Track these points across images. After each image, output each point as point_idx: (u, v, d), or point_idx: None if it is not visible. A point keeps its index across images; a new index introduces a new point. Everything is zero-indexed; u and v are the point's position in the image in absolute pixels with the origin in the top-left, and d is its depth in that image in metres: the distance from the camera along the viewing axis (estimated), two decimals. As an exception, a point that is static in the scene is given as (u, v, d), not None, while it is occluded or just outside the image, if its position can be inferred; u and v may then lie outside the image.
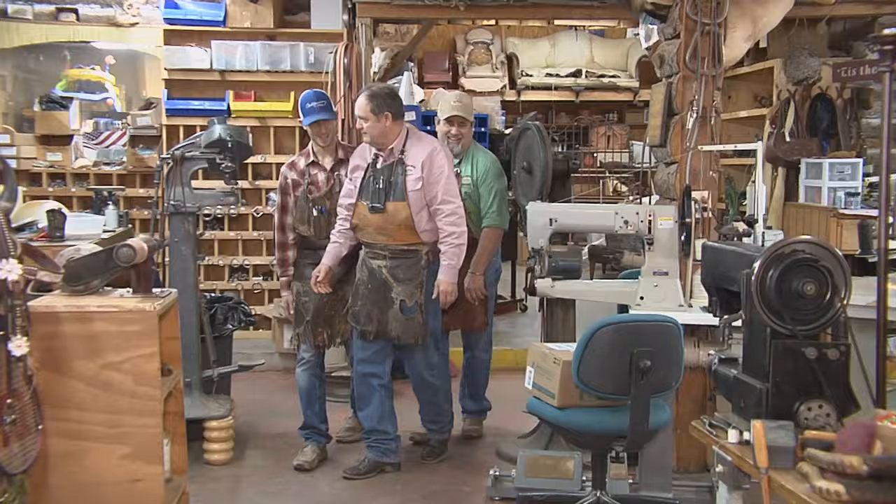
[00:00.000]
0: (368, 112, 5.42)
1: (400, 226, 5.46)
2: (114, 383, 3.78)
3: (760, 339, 2.82)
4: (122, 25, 9.53)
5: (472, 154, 6.29)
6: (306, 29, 9.39)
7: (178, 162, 6.12)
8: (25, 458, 3.50)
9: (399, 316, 5.47)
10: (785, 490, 2.54)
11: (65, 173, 9.50)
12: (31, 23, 9.48)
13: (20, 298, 3.46)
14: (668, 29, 5.94)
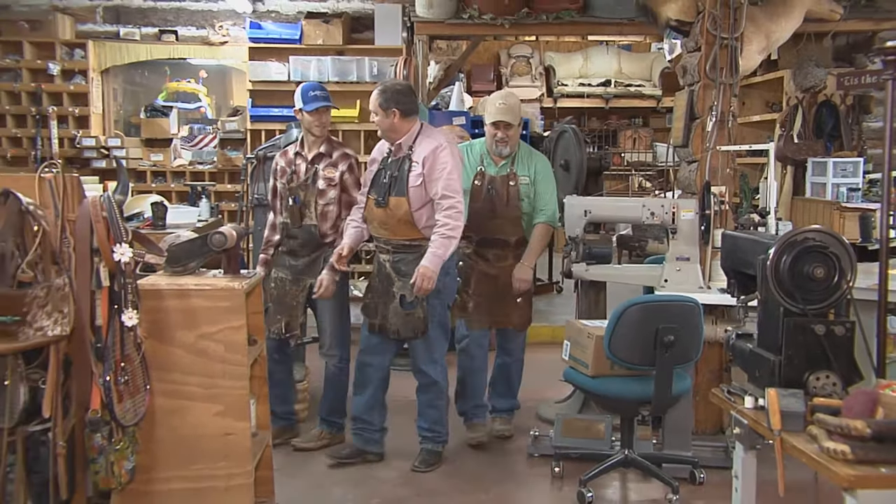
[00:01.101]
0: (377, 106, 5.03)
1: (400, 220, 4.98)
2: (208, 351, 3.81)
3: (774, 317, 2.81)
4: (214, 44, 9.63)
5: (526, 154, 5.65)
6: (370, 45, 9.41)
7: (260, 161, 6.19)
8: (136, 413, 3.56)
9: (399, 310, 4.96)
10: (796, 450, 2.54)
11: (165, 171, 9.66)
12: (138, 43, 9.64)
13: (131, 277, 3.52)
14: (691, 43, 5.91)
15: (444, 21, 8.08)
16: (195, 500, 3.85)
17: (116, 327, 3.47)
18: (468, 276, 5.45)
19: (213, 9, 9.65)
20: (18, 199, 3.31)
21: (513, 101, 5.57)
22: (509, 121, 5.40)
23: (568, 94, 10.90)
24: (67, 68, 9.54)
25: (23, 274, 3.29)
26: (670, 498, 4.61)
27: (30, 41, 9.47)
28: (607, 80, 10.82)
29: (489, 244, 5.47)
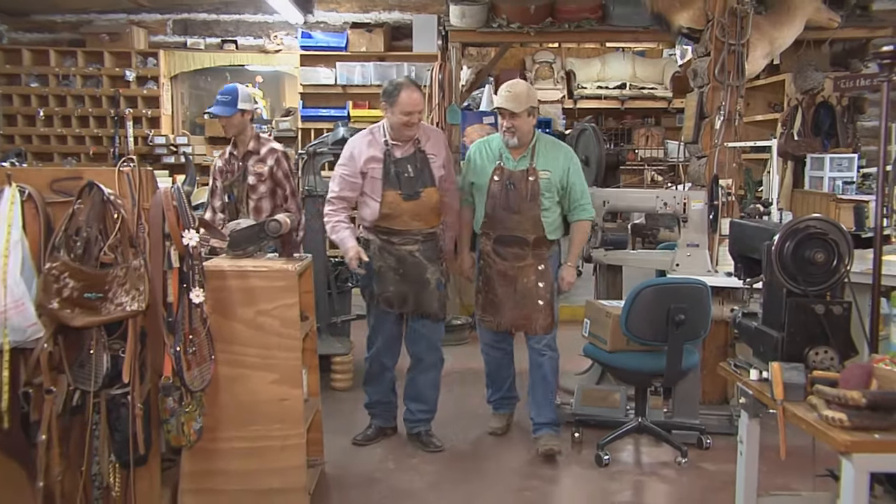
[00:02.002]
0: (423, 105, 4.89)
1: (432, 210, 4.74)
2: (265, 326, 3.85)
3: (778, 298, 2.78)
4: (269, 52, 9.68)
5: (548, 148, 4.83)
6: (409, 52, 9.43)
7: (310, 156, 6.21)
8: (203, 379, 3.60)
9: (435, 293, 4.74)
10: (797, 418, 2.52)
11: (225, 166, 9.70)
12: (203, 52, 9.71)
13: (198, 260, 3.56)
14: (701, 48, 5.86)
15: (476, 30, 8.11)
16: (254, 458, 3.88)
17: (185, 304, 3.52)
18: (487, 276, 4.85)
19: (268, 21, 9.68)
20: (101, 190, 3.36)
21: (519, 90, 4.76)
22: (511, 108, 4.65)
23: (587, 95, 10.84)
24: (142, 75, 9.61)
25: (105, 256, 3.34)
26: (679, 461, 4.61)
27: (109, 51, 9.54)
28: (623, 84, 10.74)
29: (507, 242, 4.79)
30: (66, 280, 3.22)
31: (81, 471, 3.47)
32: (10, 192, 3.28)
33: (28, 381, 3.33)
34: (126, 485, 3.54)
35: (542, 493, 4.22)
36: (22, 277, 3.21)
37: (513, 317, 4.79)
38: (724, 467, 4.47)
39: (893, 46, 3.25)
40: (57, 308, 3.22)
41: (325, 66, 9.40)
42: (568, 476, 4.48)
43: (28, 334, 3.23)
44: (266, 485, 3.89)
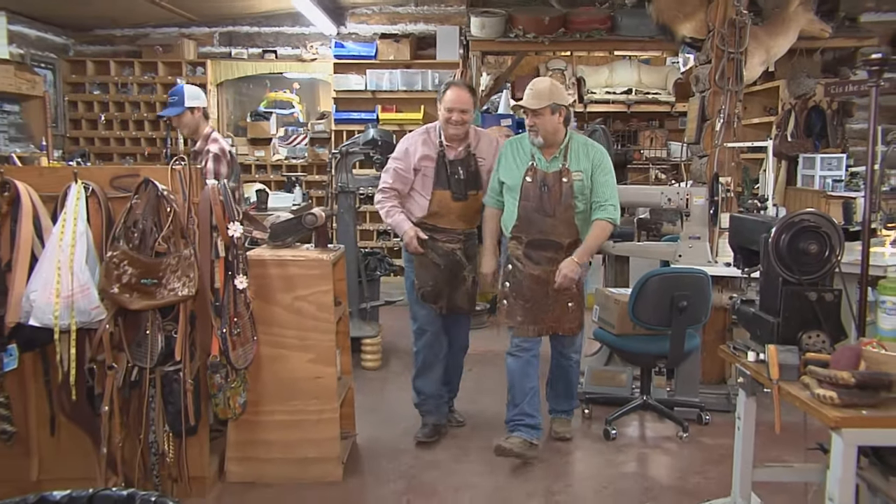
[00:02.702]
0: (471, 105, 4.39)
1: (476, 211, 4.49)
2: (303, 310, 3.88)
3: (774, 286, 2.77)
4: (306, 61, 9.67)
5: (580, 147, 4.34)
6: (433, 60, 9.39)
7: (343, 156, 6.22)
8: (246, 358, 3.64)
9: (471, 291, 4.56)
10: (791, 396, 2.51)
11: (266, 165, 9.72)
12: (245, 61, 9.70)
13: (241, 249, 3.59)
14: (703, 56, 5.84)
15: (494, 39, 8.11)
16: (293, 430, 3.92)
17: (230, 290, 3.56)
18: (519, 281, 4.27)
19: (305, 32, 9.69)
20: (156, 186, 3.40)
21: (540, 87, 4.24)
22: (530, 106, 4.19)
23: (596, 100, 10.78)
24: (191, 82, 9.58)
25: (159, 246, 3.39)
26: (681, 435, 4.61)
27: (163, 61, 9.59)
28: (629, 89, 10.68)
29: (541, 246, 4.26)
30: (125, 267, 3.27)
31: (139, 439, 3.53)
32: (76, 189, 3.33)
33: (92, 358, 3.39)
34: (179, 452, 3.61)
35: (556, 463, 4.22)
36: (87, 265, 3.27)
37: (542, 321, 4.29)
38: (722, 441, 4.46)
39: (882, 54, 3.23)
40: (117, 293, 3.27)
41: (356, 73, 9.40)
42: (579, 448, 4.49)
43: (92, 316, 3.29)
44: (303, 454, 3.94)
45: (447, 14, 9.60)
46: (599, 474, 4.15)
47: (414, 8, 9.64)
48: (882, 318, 2.78)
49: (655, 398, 4.84)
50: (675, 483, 4.05)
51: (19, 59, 8.36)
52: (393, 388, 5.49)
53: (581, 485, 4.02)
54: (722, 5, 5.54)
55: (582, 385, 5.17)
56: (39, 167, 4.24)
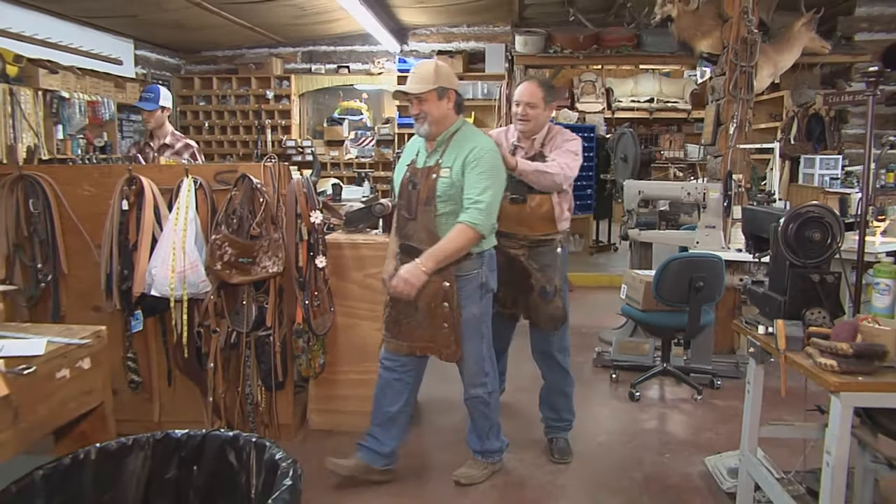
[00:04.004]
0: (540, 99, 3.44)
1: (541, 218, 3.50)
2: (372, 285, 3.88)
3: (782, 268, 2.72)
4: (373, 74, 9.74)
5: (459, 140, 3.14)
6: (482, 73, 9.38)
7: (406, 155, 6.24)
8: (325, 325, 3.68)
9: (540, 302, 3.57)
10: (796, 364, 2.47)
11: (339, 162, 9.84)
12: (323, 75, 9.83)
13: (321, 233, 3.62)
14: (718, 69, 5.73)
15: (536, 55, 8.19)
16: (363, 387, 3.90)
17: (312, 268, 3.59)
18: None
19: (373, 50, 9.74)
20: (251, 180, 3.44)
21: (422, 69, 3.16)
22: (414, 91, 3.11)
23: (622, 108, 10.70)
24: (278, 94, 9.78)
25: (253, 230, 3.42)
26: (696, 397, 4.56)
27: (255, 76, 9.74)
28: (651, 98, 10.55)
29: (407, 252, 3.20)
30: (226, 248, 3.33)
31: (238, 391, 3.60)
32: (187, 182, 3.40)
33: (200, 323, 3.47)
34: (270, 402, 3.68)
35: (587, 420, 4.21)
36: (195, 246, 3.34)
37: (415, 339, 3.24)
38: (731, 403, 4.42)
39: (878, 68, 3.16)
40: (220, 269, 3.33)
41: (417, 85, 9.43)
42: (607, 408, 4.46)
43: (200, 288, 3.36)
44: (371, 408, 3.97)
45: (495, 33, 9.57)
46: (626, 430, 4.12)
47: (466, 28, 9.63)
48: (875, 298, 2.71)
49: (674, 365, 4.79)
50: (690, 438, 4.00)
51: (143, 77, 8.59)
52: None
53: (610, 438, 4.00)
54: (735, 25, 5.45)
55: (610, 353, 5.15)
56: (158, 165, 4.33)
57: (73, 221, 3.56)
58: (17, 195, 3.46)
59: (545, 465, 3.63)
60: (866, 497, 2.88)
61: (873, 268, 2.75)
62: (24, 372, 1.73)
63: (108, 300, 3.47)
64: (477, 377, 3.30)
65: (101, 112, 7.01)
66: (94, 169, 3.84)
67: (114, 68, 7.75)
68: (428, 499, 3.30)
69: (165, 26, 8.00)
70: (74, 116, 6.50)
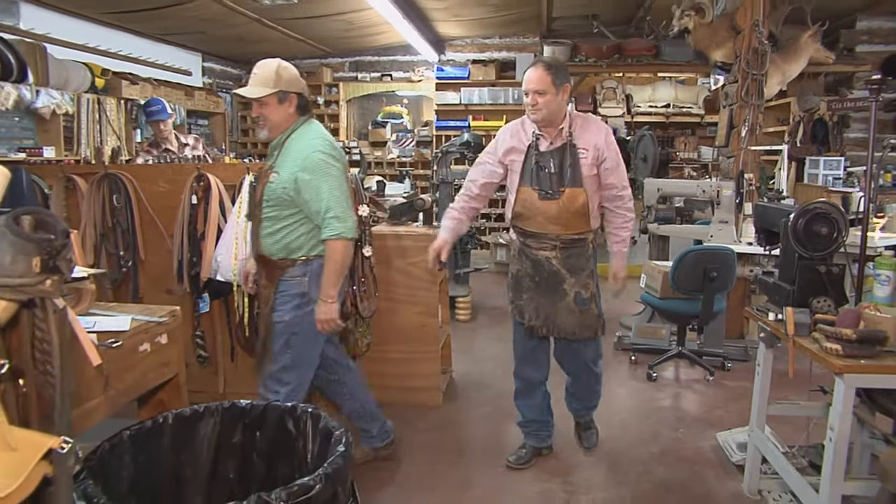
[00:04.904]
0: (549, 84, 2.87)
1: (575, 213, 2.97)
2: (413, 273, 3.92)
3: (791, 260, 2.69)
4: (414, 81, 9.73)
5: (293, 141, 2.76)
6: (513, 80, 9.32)
7: (443, 154, 6.26)
8: (371, 309, 3.65)
9: (573, 308, 3.04)
10: (804, 348, 2.45)
11: (382, 162, 9.84)
12: (368, 83, 9.86)
13: (368, 225, 3.62)
14: (731, 77, 5.64)
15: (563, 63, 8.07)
16: (405, 365, 3.98)
17: (359, 256, 3.57)
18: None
19: (413, 59, 9.74)
20: (305, 176, 3.46)
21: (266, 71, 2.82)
22: (252, 95, 2.78)
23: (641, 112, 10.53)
24: (328, 100, 9.84)
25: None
26: (708, 378, 4.52)
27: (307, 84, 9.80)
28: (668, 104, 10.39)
29: (257, 261, 2.89)
30: (283, 238, 3.36)
31: (292, 367, 3.64)
32: (248, 179, 3.42)
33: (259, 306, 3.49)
34: (321, 378, 3.71)
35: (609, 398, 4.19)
36: (255, 236, 3.38)
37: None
38: (741, 384, 4.38)
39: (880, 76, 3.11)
40: (277, 257, 3.37)
41: (452, 91, 9.41)
42: (626, 387, 4.44)
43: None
44: (412, 384, 4.00)
45: (525, 44, 9.52)
46: (643, 407, 4.11)
47: (498, 39, 9.59)
48: (877, 287, 2.68)
49: (688, 349, 4.75)
50: (702, 415, 3.98)
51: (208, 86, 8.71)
52: (480, 337, 5.53)
53: (629, 414, 3.99)
54: (747, 36, 5.37)
55: (630, 337, 5.12)
56: (223, 164, 4.41)
57: (150, 214, 3.65)
58: (103, 191, 3.56)
59: (569, 434, 3.63)
60: (864, 469, 2.86)
61: (875, 260, 2.71)
62: (113, 345, 1.80)
63: (180, 284, 3.54)
64: (272, 381, 2.78)
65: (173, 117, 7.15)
66: (167, 168, 3.93)
67: (184, 79, 7.89)
68: (464, 465, 3.33)
69: (229, 40, 8.11)
70: (150, 122, 6.63)
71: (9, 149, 4.76)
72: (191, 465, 2.03)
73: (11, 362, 1.26)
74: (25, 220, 1.29)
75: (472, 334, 5.59)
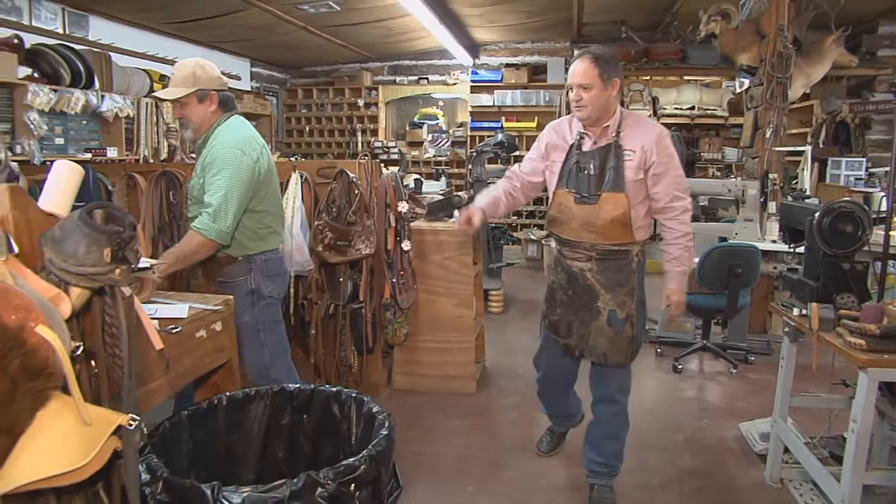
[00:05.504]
0: (595, 78, 2.45)
1: (614, 222, 2.51)
2: (450, 267, 3.93)
3: (816, 257, 2.64)
4: (449, 84, 9.72)
5: (213, 137, 2.61)
6: (544, 83, 9.26)
7: (478, 153, 6.24)
8: (409, 301, 3.72)
9: (606, 330, 2.59)
10: (828, 342, 2.40)
11: (419, 160, 9.85)
12: (406, 86, 9.87)
13: (407, 221, 3.66)
14: (756, 80, 5.54)
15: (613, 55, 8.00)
16: (440, 355, 4.00)
17: (399, 250, 3.65)
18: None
19: (449, 63, 9.72)
20: (348, 174, 3.49)
21: (183, 72, 2.58)
22: (169, 97, 2.58)
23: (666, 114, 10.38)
24: (367, 102, 9.89)
25: (349, 217, 3.47)
26: (731, 371, 4.45)
27: (348, 87, 9.86)
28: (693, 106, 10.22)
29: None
30: (327, 233, 3.40)
31: (334, 354, 3.68)
32: (294, 177, 3.48)
33: (304, 296, 3.55)
34: (361, 365, 3.75)
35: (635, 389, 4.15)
36: (301, 230, 3.41)
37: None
38: (763, 376, 4.31)
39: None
40: (321, 250, 3.41)
41: (486, 93, 9.37)
42: (652, 378, 4.40)
43: (304, 267, 3.43)
44: (447, 372, 4.01)
45: (555, 48, 9.44)
46: (668, 397, 4.07)
47: (530, 44, 9.52)
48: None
49: (713, 342, 4.69)
50: (725, 406, 3.92)
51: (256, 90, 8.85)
52: (512, 329, 5.53)
53: (655, 404, 3.95)
54: (772, 41, 5.27)
55: (656, 330, 5.06)
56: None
57: (204, 210, 3.71)
58: (161, 188, 3.63)
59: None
60: (884, 460, 2.80)
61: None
62: (173, 331, 1.84)
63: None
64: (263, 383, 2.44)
65: (222, 119, 7.29)
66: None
67: (233, 83, 8.01)
68: (497, 450, 3.33)
69: (276, 47, 8.21)
70: (202, 123, 6.77)
71: (77, 149, 4.89)
72: (242, 444, 2.07)
73: (85, 345, 1.30)
74: (97, 214, 1.33)
75: (503, 326, 5.58)
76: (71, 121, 4.87)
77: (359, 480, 1.59)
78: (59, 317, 1.22)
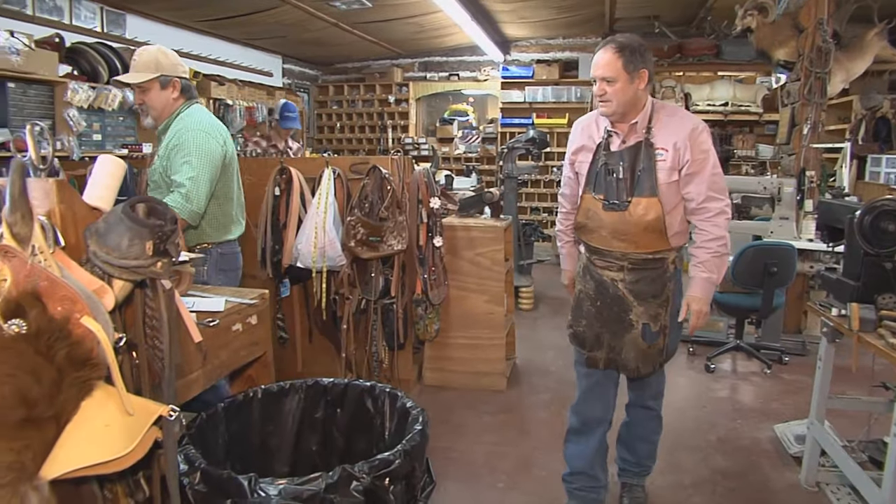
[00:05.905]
0: (619, 70, 2.20)
1: (647, 229, 2.26)
2: (481, 263, 3.92)
3: (856, 257, 2.57)
4: (480, 81, 9.70)
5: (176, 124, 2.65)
6: (576, 79, 9.19)
7: (509, 150, 6.21)
8: (440, 296, 3.71)
9: (640, 343, 2.37)
10: (869, 343, 2.34)
11: (449, 157, 9.86)
12: (436, 82, 9.87)
13: (438, 217, 3.65)
14: (793, 75, 5.43)
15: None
16: (471, 351, 3.99)
17: (430, 246, 3.63)
18: None
19: (480, 60, 9.70)
20: (380, 170, 3.49)
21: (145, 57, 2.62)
22: (132, 80, 2.62)
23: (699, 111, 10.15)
24: (398, 98, 9.92)
25: (382, 213, 3.46)
26: (765, 371, 4.37)
27: (379, 84, 9.91)
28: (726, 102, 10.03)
29: None
30: (359, 228, 3.40)
31: (366, 349, 3.68)
32: (327, 172, 3.49)
33: (336, 291, 3.55)
34: (392, 360, 3.74)
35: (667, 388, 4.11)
36: (333, 226, 3.41)
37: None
38: (798, 377, 4.23)
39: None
40: (353, 246, 3.40)
41: (517, 89, 9.34)
42: (684, 378, 4.34)
43: (336, 262, 3.44)
44: (478, 369, 4.01)
45: (586, 44, 9.34)
46: (701, 396, 4.01)
47: (562, 40, 9.46)
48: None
49: (746, 342, 4.61)
50: (759, 406, 3.85)
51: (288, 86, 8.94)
52: (542, 326, 5.50)
53: (687, 403, 3.90)
54: (811, 35, 5.15)
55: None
56: (304, 158, 4.50)
57: (238, 205, 3.75)
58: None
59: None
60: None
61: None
62: (210, 324, 1.87)
63: (263, 270, 3.62)
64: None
65: (256, 115, 7.34)
66: (253, 161, 4.04)
67: (266, 79, 8.10)
68: (527, 447, 3.32)
69: (308, 44, 8.27)
70: (236, 119, 6.83)
71: (114, 145, 4.99)
72: (277, 437, 2.09)
73: (127, 336, 1.32)
74: (140, 208, 1.36)
75: (533, 323, 5.56)
76: (108, 117, 4.96)
77: (393, 475, 1.60)
78: (102, 308, 1.24)
